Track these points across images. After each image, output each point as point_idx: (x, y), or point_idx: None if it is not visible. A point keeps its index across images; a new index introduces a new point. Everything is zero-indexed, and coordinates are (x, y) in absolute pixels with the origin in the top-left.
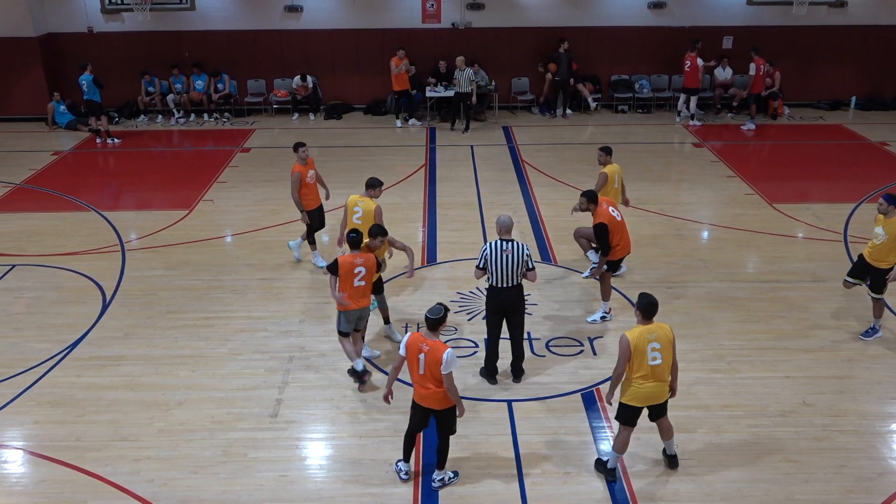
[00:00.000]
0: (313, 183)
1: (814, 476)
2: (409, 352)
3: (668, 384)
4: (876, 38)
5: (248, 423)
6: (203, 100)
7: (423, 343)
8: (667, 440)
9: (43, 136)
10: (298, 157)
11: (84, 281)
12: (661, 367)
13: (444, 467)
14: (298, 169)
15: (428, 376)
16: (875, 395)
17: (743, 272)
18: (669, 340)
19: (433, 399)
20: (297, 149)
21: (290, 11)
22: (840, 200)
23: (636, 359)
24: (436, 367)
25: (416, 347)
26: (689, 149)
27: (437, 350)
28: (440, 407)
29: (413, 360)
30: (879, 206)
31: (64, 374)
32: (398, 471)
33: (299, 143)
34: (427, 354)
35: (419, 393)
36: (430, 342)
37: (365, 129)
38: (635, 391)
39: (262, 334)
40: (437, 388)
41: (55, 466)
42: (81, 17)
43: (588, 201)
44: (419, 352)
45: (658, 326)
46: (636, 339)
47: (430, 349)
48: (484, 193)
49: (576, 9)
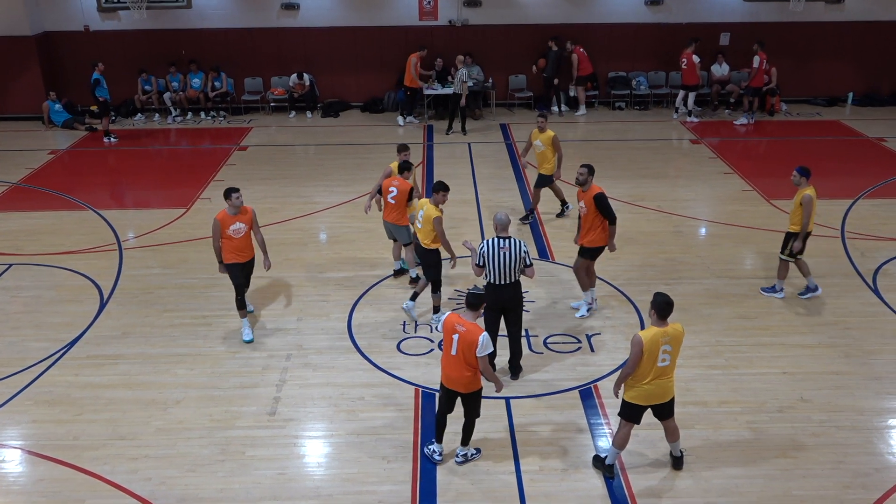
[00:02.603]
0: (240, 238)
1: (811, 472)
2: (445, 331)
3: (671, 382)
4: (873, 35)
5: (246, 421)
6: (200, 98)
7: (459, 324)
8: (672, 442)
9: (39, 135)
10: (230, 203)
11: (81, 280)
12: (668, 367)
13: (468, 444)
14: (222, 217)
15: (460, 358)
16: (872, 390)
17: (740, 269)
18: (680, 340)
19: (460, 383)
20: (229, 195)
21: (287, 9)
22: (837, 196)
23: (647, 360)
24: (470, 349)
25: (451, 327)
26: (686, 145)
27: (473, 332)
28: (465, 391)
29: (448, 340)
30: (793, 178)
31: (61, 373)
32: (431, 452)
33: (231, 189)
34: (462, 336)
35: (448, 375)
36: (467, 323)
37: (362, 127)
38: (638, 390)
39: (259, 332)
40: (466, 372)
41: (53, 465)
42: (78, 16)
43: (588, 173)
44: (454, 332)
45: (672, 328)
46: (650, 341)
47: (466, 331)
48: (481, 191)
49: (573, 5)
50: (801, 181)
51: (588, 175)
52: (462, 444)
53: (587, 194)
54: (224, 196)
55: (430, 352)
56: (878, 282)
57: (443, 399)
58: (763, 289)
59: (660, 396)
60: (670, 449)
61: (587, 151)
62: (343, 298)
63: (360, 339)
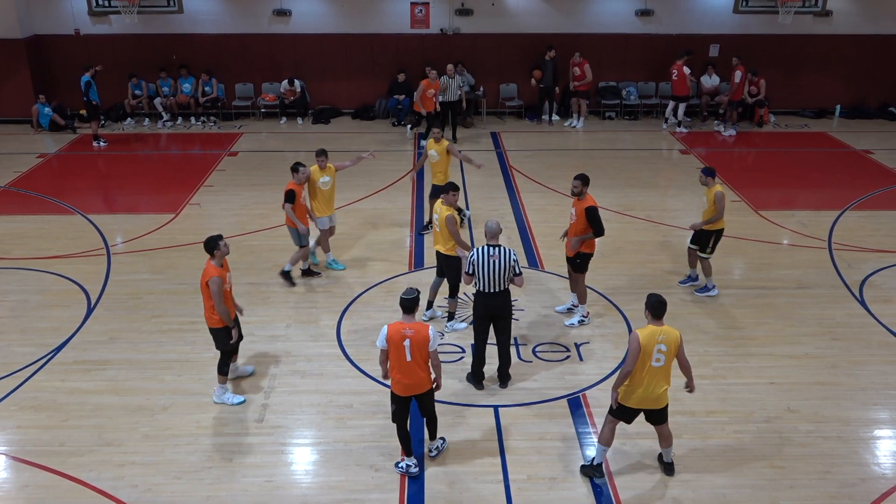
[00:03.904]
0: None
1: (798, 482)
2: (392, 342)
3: (664, 389)
4: (860, 48)
5: (234, 428)
6: (190, 103)
7: (406, 328)
8: (664, 447)
9: (28, 138)
10: (219, 253)
11: (69, 284)
12: (661, 369)
13: (435, 438)
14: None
15: (416, 360)
16: (858, 401)
17: (729, 279)
18: (676, 344)
19: (417, 385)
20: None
21: (279, 15)
22: (825, 208)
23: (642, 358)
24: (424, 346)
25: (398, 335)
26: (676, 156)
27: (422, 330)
28: (422, 391)
29: (398, 348)
30: (700, 179)
31: (48, 379)
32: (405, 468)
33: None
34: (412, 338)
35: (403, 384)
36: (413, 325)
37: (353, 134)
38: (630, 391)
39: (248, 339)
40: (422, 373)
41: (38, 472)
42: (68, 20)
43: (582, 184)
44: (403, 339)
45: (667, 329)
46: (646, 337)
47: (415, 332)
48: (472, 199)
49: (564, 16)
50: (708, 181)
51: (582, 186)
52: (431, 439)
53: (581, 204)
54: (212, 247)
55: None
56: (864, 293)
57: (398, 413)
58: (697, 291)
59: (653, 402)
60: (661, 454)
61: (577, 161)
62: (332, 305)
63: (349, 346)
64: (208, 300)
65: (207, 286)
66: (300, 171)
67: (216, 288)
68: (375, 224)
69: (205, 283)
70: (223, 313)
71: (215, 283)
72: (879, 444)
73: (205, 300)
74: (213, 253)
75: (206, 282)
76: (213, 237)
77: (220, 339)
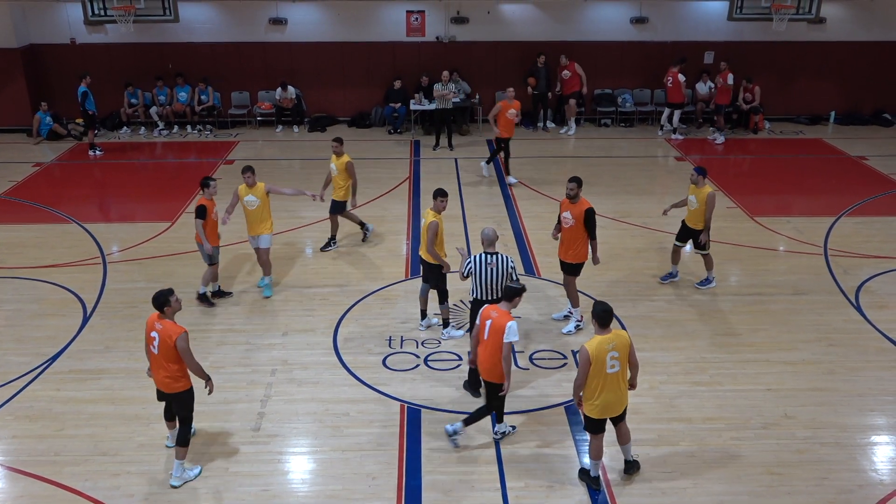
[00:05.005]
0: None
1: (796, 488)
2: (481, 318)
3: (624, 393)
4: (854, 54)
5: (230, 437)
6: (186, 111)
7: (494, 310)
8: (623, 445)
9: (24, 147)
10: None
11: (64, 293)
12: (618, 374)
13: (502, 421)
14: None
15: (490, 342)
16: (855, 407)
17: (725, 285)
18: (626, 347)
19: (484, 368)
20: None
21: (275, 24)
22: (820, 214)
23: (595, 368)
24: (498, 334)
25: (486, 314)
26: (672, 162)
27: (503, 318)
28: (488, 378)
29: (482, 326)
30: (691, 177)
31: (43, 388)
32: (452, 433)
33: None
34: (493, 321)
35: (479, 358)
36: (501, 311)
37: (349, 142)
38: (594, 403)
39: (244, 347)
40: (494, 358)
41: (33, 482)
42: (64, 29)
43: (578, 186)
44: (487, 318)
45: (616, 335)
46: (595, 349)
47: (498, 316)
48: (468, 206)
49: (559, 23)
50: (699, 180)
51: (578, 188)
52: (498, 421)
53: (577, 207)
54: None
55: (416, 367)
56: (860, 299)
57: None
58: (698, 283)
59: (615, 408)
60: (623, 454)
61: (573, 167)
62: (329, 313)
63: (346, 354)
64: (174, 363)
65: (175, 347)
66: (210, 185)
67: (186, 344)
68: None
69: (172, 345)
70: (198, 369)
71: (185, 339)
72: (877, 450)
73: (166, 364)
74: (163, 310)
75: (174, 342)
76: (162, 292)
77: (188, 403)
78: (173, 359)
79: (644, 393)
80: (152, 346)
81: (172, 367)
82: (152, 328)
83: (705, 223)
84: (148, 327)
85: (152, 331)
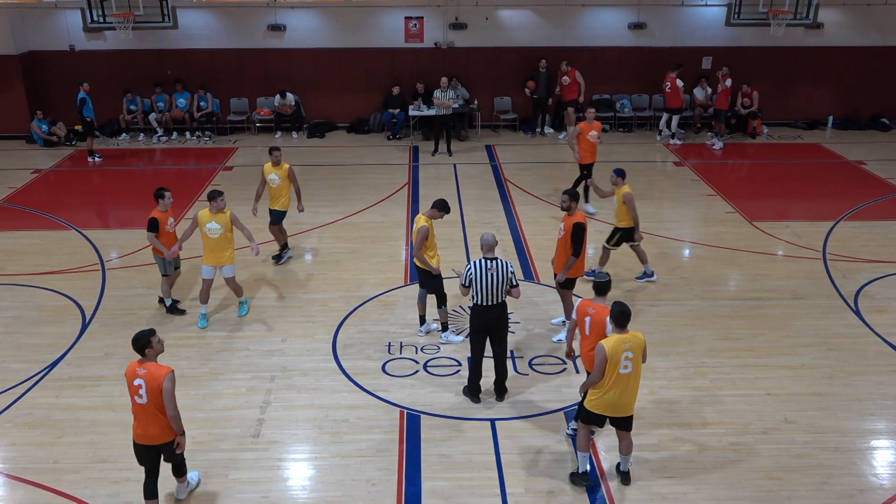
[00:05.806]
0: None
1: (796, 493)
2: (578, 315)
3: (631, 397)
4: (852, 59)
5: (230, 444)
6: (185, 118)
7: (590, 307)
8: (623, 455)
9: (23, 154)
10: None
11: (63, 300)
12: (629, 376)
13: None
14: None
15: (593, 337)
16: (855, 411)
17: (724, 290)
18: (641, 348)
19: (588, 360)
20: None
21: (274, 30)
22: (818, 219)
23: (610, 367)
24: (600, 327)
25: (583, 311)
26: (670, 168)
27: (602, 313)
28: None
29: (581, 322)
30: (611, 179)
31: (42, 395)
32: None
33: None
34: (593, 317)
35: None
36: (597, 307)
37: (348, 148)
38: (600, 398)
39: (243, 353)
40: (592, 350)
41: (32, 489)
42: (63, 36)
43: (570, 199)
44: (585, 315)
45: (632, 335)
46: (612, 347)
47: (597, 312)
48: (467, 212)
49: (557, 29)
50: (618, 181)
51: (571, 201)
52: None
53: (571, 219)
54: (143, 345)
55: (416, 373)
56: (859, 303)
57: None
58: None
59: (621, 410)
60: (619, 463)
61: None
62: (328, 319)
63: (345, 360)
64: (161, 411)
65: (161, 391)
66: (165, 196)
67: (173, 385)
68: (370, 238)
69: (157, 389)
70: (177, 418)
71: (172, 379)
72: (877, 454)
73: (159, 414)
74: (144, 352)
75: (159, 384)
76: (143, 333)
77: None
78: (158, 406)
79: (644, 398)
80: (138, 395)
81: (159, 416)
82: (135, 376)
83: (634, 220)
84: (129, 377)
85: (136, 378)
